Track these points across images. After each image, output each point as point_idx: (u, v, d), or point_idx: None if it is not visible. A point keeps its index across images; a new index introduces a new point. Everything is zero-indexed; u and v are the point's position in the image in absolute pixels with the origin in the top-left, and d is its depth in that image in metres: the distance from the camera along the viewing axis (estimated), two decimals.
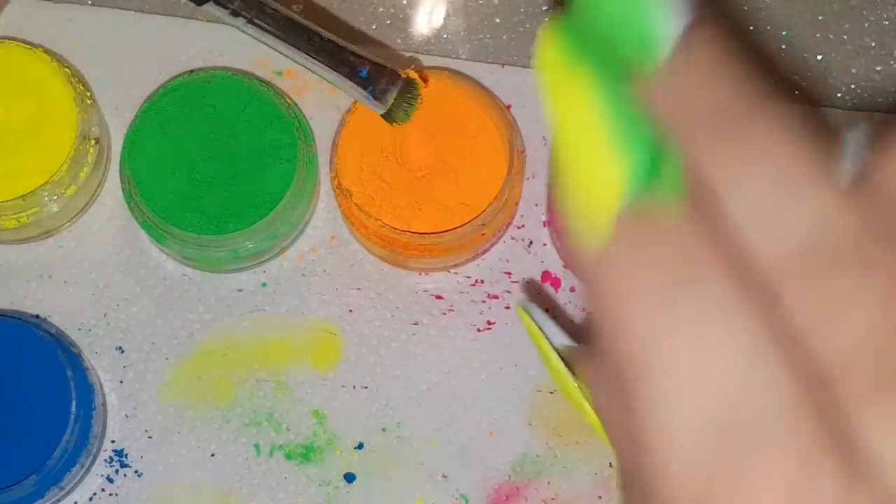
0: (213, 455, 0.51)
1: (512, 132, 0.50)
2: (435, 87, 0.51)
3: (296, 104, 0.53)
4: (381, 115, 0.43)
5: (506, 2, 0.55)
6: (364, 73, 0.42)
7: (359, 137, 0.50)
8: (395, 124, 0.44)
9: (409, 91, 0.46)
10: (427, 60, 0.54)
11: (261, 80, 0.52)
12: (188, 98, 0.50)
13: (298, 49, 0.42)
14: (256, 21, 0.37)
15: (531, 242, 0.53)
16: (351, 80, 0.42)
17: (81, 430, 0.49)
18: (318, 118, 0.53)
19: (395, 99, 0.45)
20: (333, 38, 0.41)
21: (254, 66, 0.54)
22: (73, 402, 0.48)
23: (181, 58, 0.54)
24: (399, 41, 0.55)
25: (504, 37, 0.55)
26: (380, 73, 0.44)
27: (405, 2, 0.55)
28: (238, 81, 0.51)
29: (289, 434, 0.51)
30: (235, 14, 0.35)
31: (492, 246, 0.52)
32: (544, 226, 0.52)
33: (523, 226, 0.53)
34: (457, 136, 0.50)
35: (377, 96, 0.43)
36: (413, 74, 0.45)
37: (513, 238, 0.53)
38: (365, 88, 0.43)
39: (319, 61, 0.41)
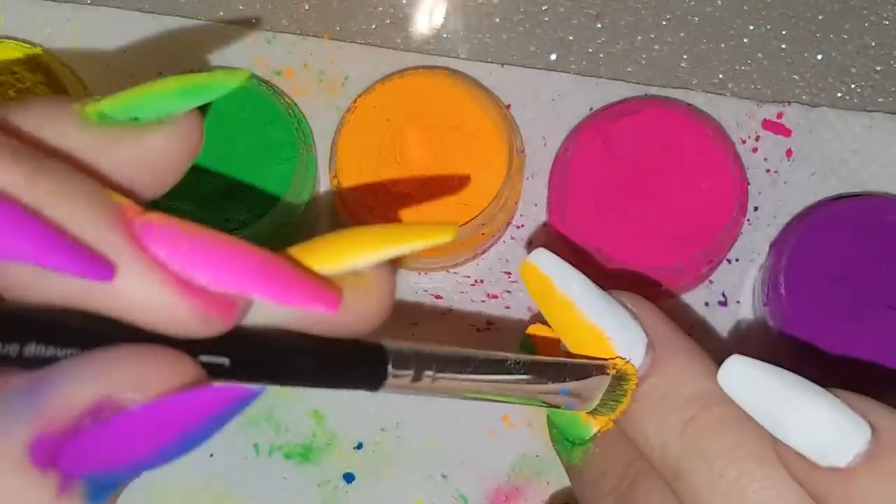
0: (211, 455, 0.51)
1: (511, 132, 0.50)
2: (434, 86, 0.51)
3: (295, 104, 0.52)
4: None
5: (505, 1, 0.55)
6: (566, 393, 0.35)
7: (358, 137, 0.50)
8: (598, 415, 0.37)
9: (620, 384, 0.37)
10: (426, 60, 0.54)
11: (260, 80, 0.52)
12: None
13: (495, 387, 0.33)
14: (442, 374, 0.31)
15: (531, 242, 0.52)
16: (552, 398, 0.35)
17: None
18: (318, 118, 0.53)
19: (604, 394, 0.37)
20: (528, 359, 0.34)
21: (252, 65, 0.54)
22: None
23: (180, 57, 0.54)
24: (398, 40, 0.55)
25: (503, 36, 0.55)
26: (581, 375, 0.36)
27: (404, 1, 0.55)
28: None
29: (288, 434, 0.51)
30: (418, 377, 0.30)
31: (491, 246, 0.52)
32: (545, 225, 0.52)
33: (523, 225, 0.53)
34: (456, 135, 0.50)
35: (582, 403, 0.36)
36: (622, 366, 0.36)
37: (512, 238, 0.52)
38: (566, 405, 0.36)
39: (522, 391, 0.34)
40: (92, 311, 0.24)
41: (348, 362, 0.28)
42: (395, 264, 0.28)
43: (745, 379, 0.33)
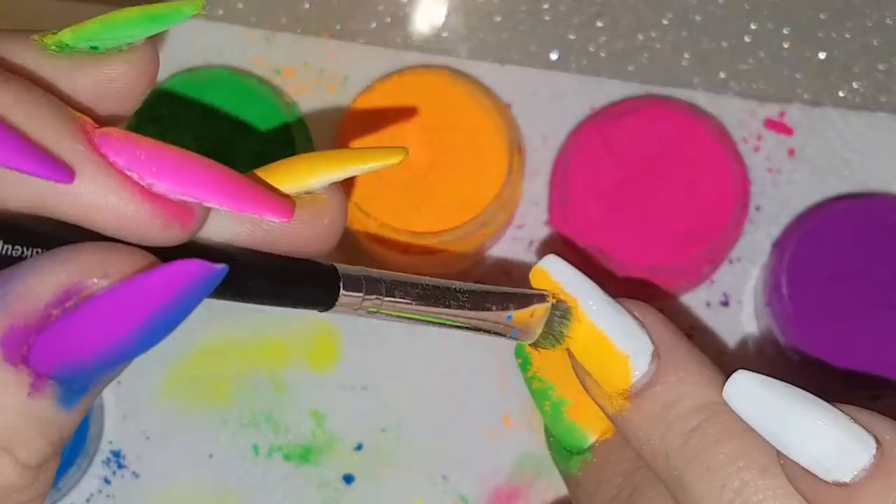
0: (210, 456, 0.51)
1: (512, 131, 0.50)
2: (434, 86, 0.50)
3: (295, 103, 0.52)
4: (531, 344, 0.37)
5: (506, 0, 0.55)
6: (510, 319, 0.36)
7: (358, 136, 0.50)
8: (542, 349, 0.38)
9: (561, 316, 0.37)
10: (426, 59, 0.54)
11: (260, 79, 0.51)
12: (186, 96, 0.50)
13: (441, 312, 0.34)
14: (391, 298, 0.31)
15: (531, 242, 0.52)
16: (496, 326, 0.36)
17: (78, 431, 0.48)
18: (317, 117, 0.53)
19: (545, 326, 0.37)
20: (474, 287, 0.35)
21: (252, 64, 0.53)
22: None
23: (179, 56, 0.54)
24: (399, 40, 0.55)
25: (504, 35, 0.55)
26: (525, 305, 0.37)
27: (405, 0, 0.55)
28: (237, 80, 0.50)
29: (287, 435, 0.51)
30: (368, 299, 0.30)
31: (492, 246, 0.52)
32: (545, 225, 0.52)
33: (523, 225, 0.52)
34: (456, 135, 0.50)
35: (522, 336, 0.37)
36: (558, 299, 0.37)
37: (513, 238, 0.52)
38: (510, 334, 0.36)
39: (466, 316, 0.35)
40: (55, 217, 0.25)
41: (302, 281, 0.28)
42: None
43: (751, 394, 0.33)
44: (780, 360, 0.50)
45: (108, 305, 0.23)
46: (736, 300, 0.52)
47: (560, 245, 0.51)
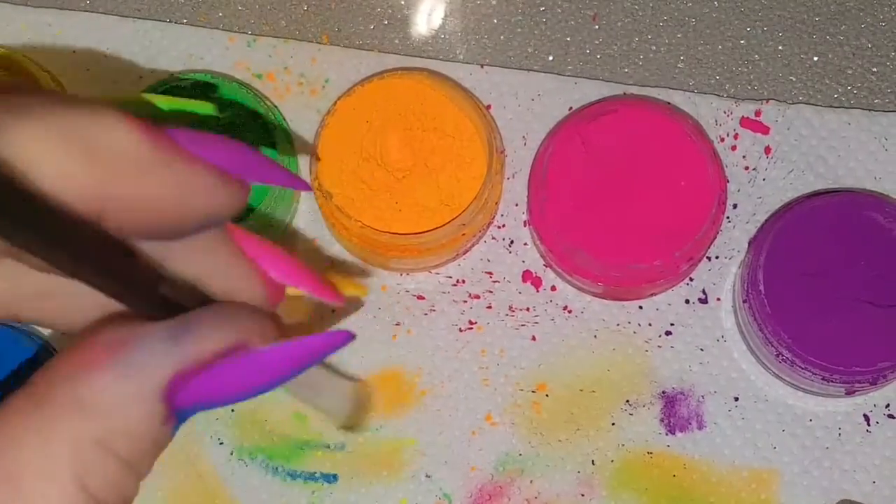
0: (196, 457, 0.51)
1: (491, 132, 0.50)
2: (414, 88, 0.51)
3: (276, 107, 0.53)
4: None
5: (503, 3, 0.55)
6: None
7: (339, 139, 0.50)
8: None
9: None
10: (424, 63, 0.54)
11: (241, 83, 0.52)
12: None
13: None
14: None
15: (512, 242, 0.53)
16: None
17: None
18: (298, 121, 0.53)
19: None
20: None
21: (234, 69, 0.54)
22: None
23: (161, 61, 0.54)
24: (397, 42, 0.55)
25: (501, 38, 0.55)
26: None
27: (403, 3, 0.56)
28: (218, 84, 0.51)
29: (272, 435, 0.51)
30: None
31: (472, 246, 0.52)
32: (524, 225, 0.53)
33: (504, 225, 0.53)
34: (436, 136, 0.50)
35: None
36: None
37: (493, 238, 0.53)
38: None
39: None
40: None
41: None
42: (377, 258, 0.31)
43: None
44: (758, 355, 0.51)
45: (263, 361, 0.27)
46: (714, 297, 0.52)
47: (540, 244, 0.51)
